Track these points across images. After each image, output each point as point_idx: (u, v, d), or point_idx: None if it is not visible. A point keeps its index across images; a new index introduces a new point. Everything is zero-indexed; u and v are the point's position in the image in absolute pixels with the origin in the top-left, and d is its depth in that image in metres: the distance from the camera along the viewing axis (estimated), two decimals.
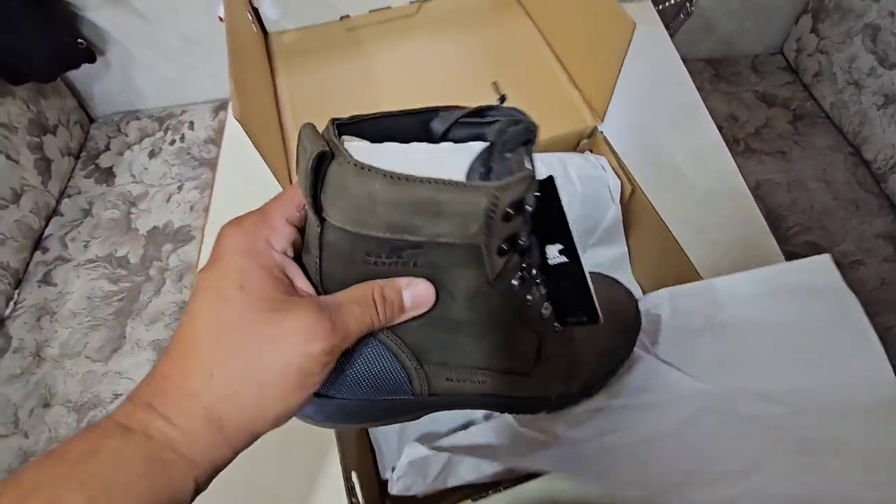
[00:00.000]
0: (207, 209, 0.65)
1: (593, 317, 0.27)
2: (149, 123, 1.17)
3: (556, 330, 0.28)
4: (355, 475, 0.35)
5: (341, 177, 0.18)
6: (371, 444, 0.42)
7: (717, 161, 0.62)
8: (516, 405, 0.29)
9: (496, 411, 0.32)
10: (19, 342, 0.88)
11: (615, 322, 0.33)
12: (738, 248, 0.56)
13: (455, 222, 0.20)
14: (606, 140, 0.51)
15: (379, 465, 0.41)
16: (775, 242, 0.55)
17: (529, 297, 0.25)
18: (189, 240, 0.99)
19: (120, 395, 0.84)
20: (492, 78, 0.57)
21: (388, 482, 0.39)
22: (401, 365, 0.24)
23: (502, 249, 0.21)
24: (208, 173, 1.07)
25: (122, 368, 0.85)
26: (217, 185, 0.65)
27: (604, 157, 0.51)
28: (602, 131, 0.51)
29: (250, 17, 0.57)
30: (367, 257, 0.21)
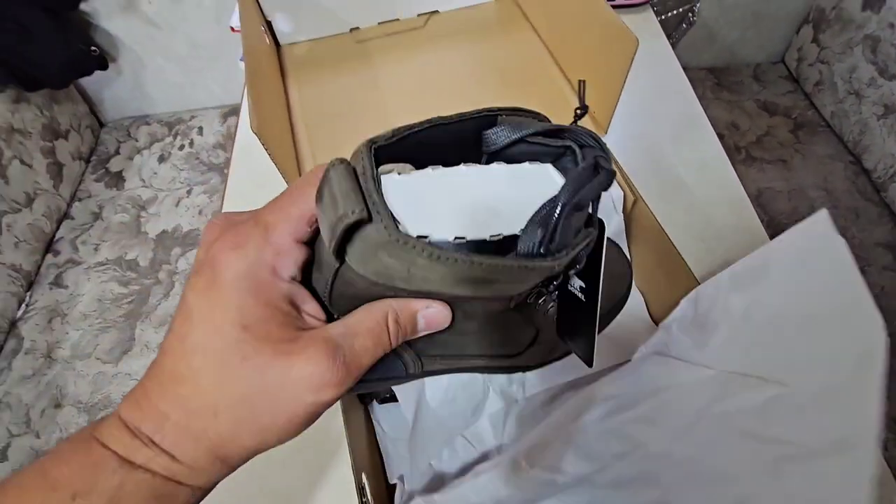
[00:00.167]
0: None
1: (588, 361, 0.26)
2: (158, 128, 1.19)
3: (553, 321, 0.28)
4: (365, 476, 0.36)
5: (375, 243, 0.16)
6: (380, 451, 0.43)
7: (718, 170, 0.63)
8: (499, 371, 0.29)
9: (485, 374, 0.33)
10: (31, 343, 0.90)
11: (607, 290, 0.33)
12: (739, 257, 0.57)
13: (502, 290, 0.18)
14: (609, 151, 0.52)
15: (386, 470, 0.42)
16: None
17: (541, 301, 0.26)
18: (198, 244, 1.00)
19: None
20: (498, 89, 0.58)
21: (395, 486, 0.40)
22: (398, 358, 0.24)
23: (540, 292, 0.21)
24: (217, 178, 1.09)
25: (131, 370, 0.87)
26: (228, 191, 0.67)
27: None
28: (605, 142, 0.52)
29: (263, 29, 0.59)
30: (377, 285, 0.19)
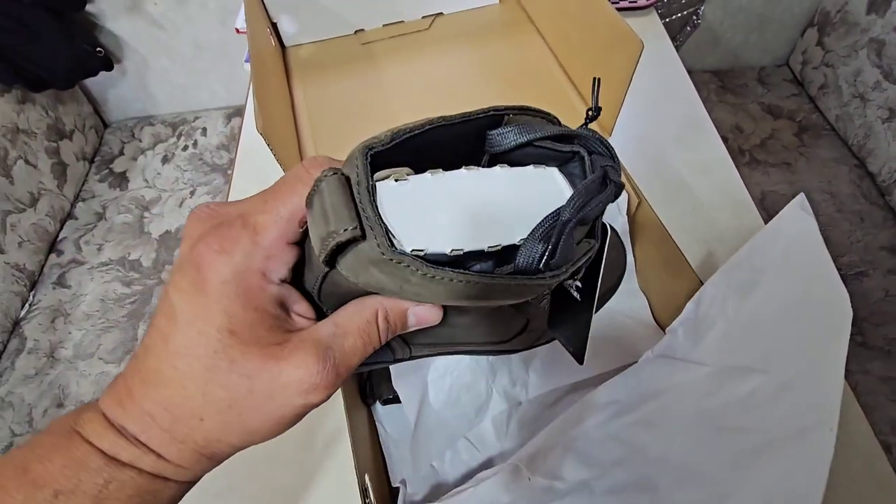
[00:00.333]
0: None
1: (578, 358, 0.26)
2: (162, 129, 1.20)
3: (546, 310, 0.28)
4: (368, 478, 0.36)
5: (368, 258, 0.16)
6: (383, 453, 0.43)
7: (721, 173, 0.63)
8: (484, 354, 0.29)
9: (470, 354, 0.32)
10: (34, 343, 0.90)
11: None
12: None
13: (498, 303, 0.18)
14: None
15: (389, 472, 0.42)
16: None
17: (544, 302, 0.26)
18: None
19: None
20: (502, 91, 0.58)
21: (398, 489, 0.40)
22: (388, 347, 0.23)
23: (543, 296, 0.22)
24: (220, 179, 1.09)
25: None
26: (232, 192, 0.67)
27: None
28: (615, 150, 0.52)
29: (269, 31, 0.59)
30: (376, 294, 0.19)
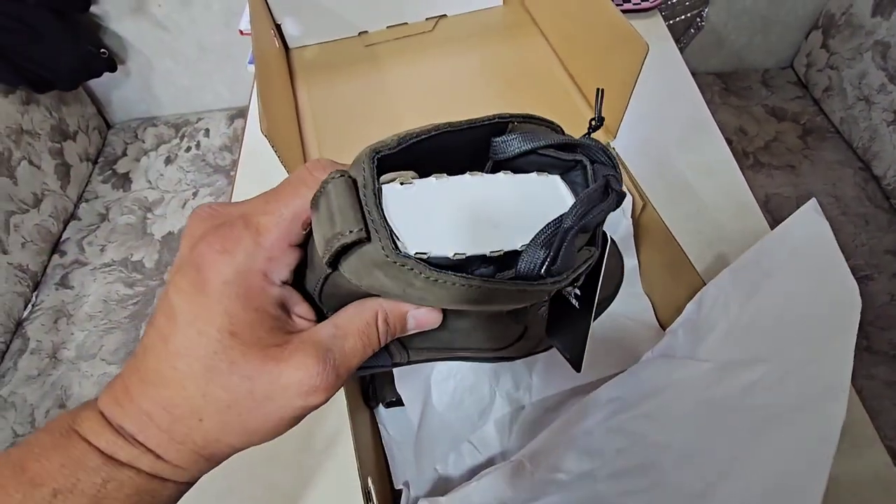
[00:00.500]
0: None
1: (576, 366, 0.26)
2: (165, 130, 1.20)
3: (542, 315, 0.28)
4: (371, 481, 0.36)
5: (372, 261, 0.16)
6: (385, 455, 0.43)
7: (726, 176, 0.63)
8: (483, 360, 0.29)
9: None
10: (37, 344, 0.90)
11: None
12: None
13: (500, 307, 0.19)
14: (618, 156, 0.51)
15: (392, 475, 0.42)
16: None
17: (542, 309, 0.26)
18: None
19: None
20: (506, 93, 0.58)
21: (401, 492, 0.40)
22: (386, 351, 0.24)
23: (543, 303, 0.22)
24: (223, 180, 1.09)
25: None
26: (235, 193, 0.67)
27: None
28: (614, 147, 0.52)
29: (273, 32, 0.59)
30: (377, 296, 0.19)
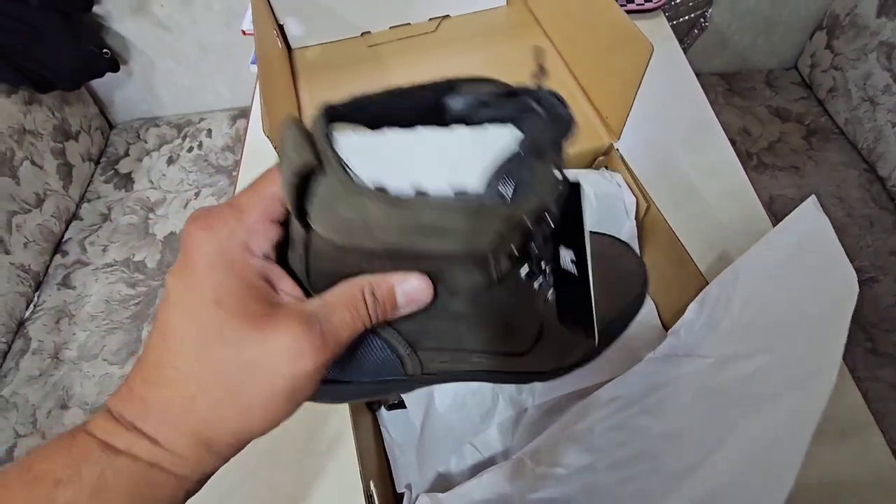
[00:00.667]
0: None
1: (592, 337, 0.26)
2: (167, 130, 1.20)
3: (552, 306, 0.26)
4: (373, 484, 0.35)
5: (329, 195, 0.16)
6: (387, 456, 0.43)
7: (730, 177, 0.63)
8: (509, 379, 0.28)
9: (486, 382, 0.31)
10: (38, 344, 0.90)
11: (620, 290, 0.32)
12: None
13: (464, 239, 0.18)
14: (622, 157, 0.51)
15: (394, 478, 0.42)
16: None
17: (536, 285, 0.24)
18: None
19: None
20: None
21: (403, 495, 0.40)
22: (393, 352, 0.23)
23: (513, 254, 0.20)
24: (225, 180, 1.09)
25: None
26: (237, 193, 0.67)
27: (619, 174, 0.52)
28: (618, 148, 0.52)
29: (275, 33, 0.58)
30: (361, 262, 0.19)
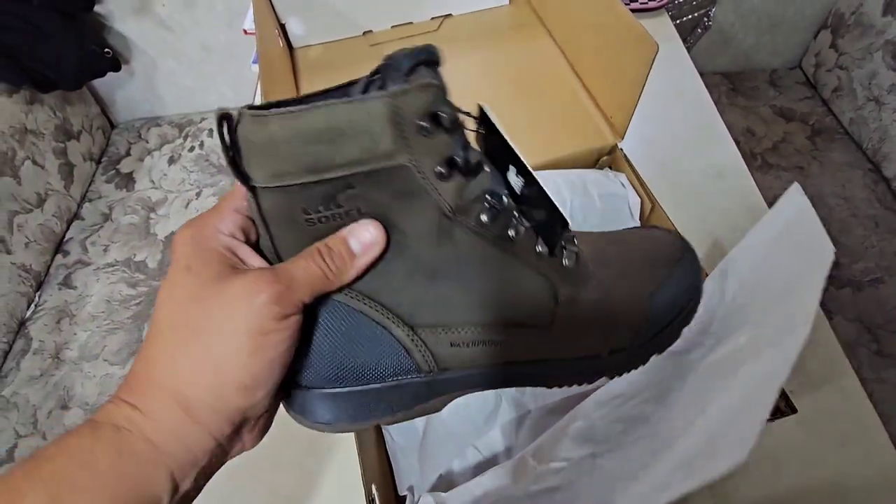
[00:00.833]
0: None
1: (565, 224, 0.24)
2: (169, 130, 1.20)
3: (567, 268, 0.24)
4: (374, 488, 0.35)
5: (244, 133, 0.19)
6: (389, 461, 0.43)
7: (734, 177, 0.62)
8: (558, 373, 0.25)
9: (532, 385, 0.26)
10: (39, 344, 0.90)
11: (655, 255, 0.29)
12: None
13: (363, 140, 0.19)
14: (626, 157, 0.51)
15: (396, 481, 0.42)
16: None
17: (512, 232, 0.23)
18: None
19: None
20: (512, 94, 0.58)
21: (405, 498, 0.39)
22: (391, 335, 0.22)
23: (441, 174, 0.20)
24: (226, 180, 1.09)
25: None
26: None
27: (623, 174, 0.51)
28: (622, 148, 0.52)
29: (277, 32, 0.58)
30: (308, 215, 0.20)
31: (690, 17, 0.95)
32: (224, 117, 0.19)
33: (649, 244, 0.30)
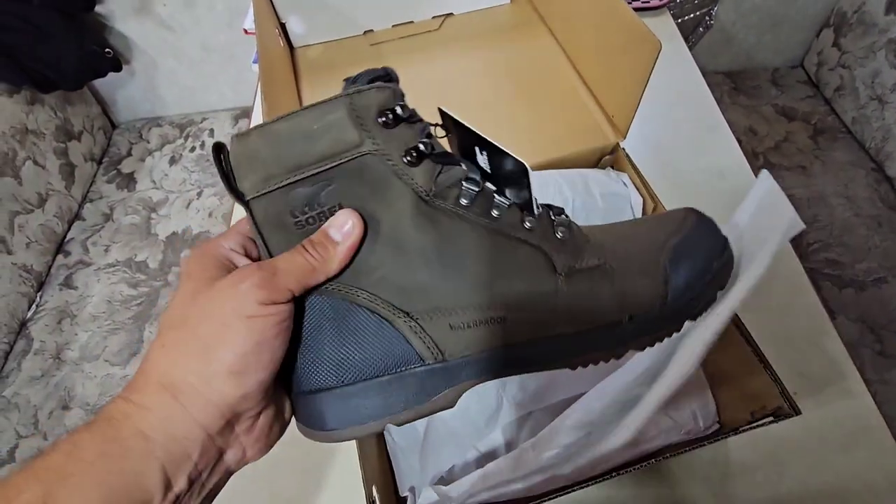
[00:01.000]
0: (230, 217, 0.66)
1: (520, 165, 0.23)
2: (170, 130, 1.20)
3: (561, 239, 0.24)
4: (375, 489, 0.35)
5: (233, 154, 0.21)
6: (390, 462, 0.43)
7: (736, 176, 0.62)
8: (577, 348, 0.24)
9: (553, 367, 0.24)
10: (40, 344, 0.90)
11: (665, 221, 0.28)
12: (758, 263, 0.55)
13: (331, 134, 0.21)
14: (628, 156, 0.50)
15: (397, 483, 0.42)
16: (796, 257, 0.54)
17: (495, 212, 0.23)
18: None
19: None
20: (514, 93, 0.57)
21: (406, 499, 0.39)
22: (388, 324, 0.22)
23: (410, 161, 0.22)
24: None
25: None
26: None
27: (625, 174, 0.51)
28: (624, 148, 0.51)
29: (277, 31, 0.58)
30: (296, 218, 0.22)
31: (692, 15, 0.94)
32: (218, 148, 0.21)
33: (659, 217, 0.29)
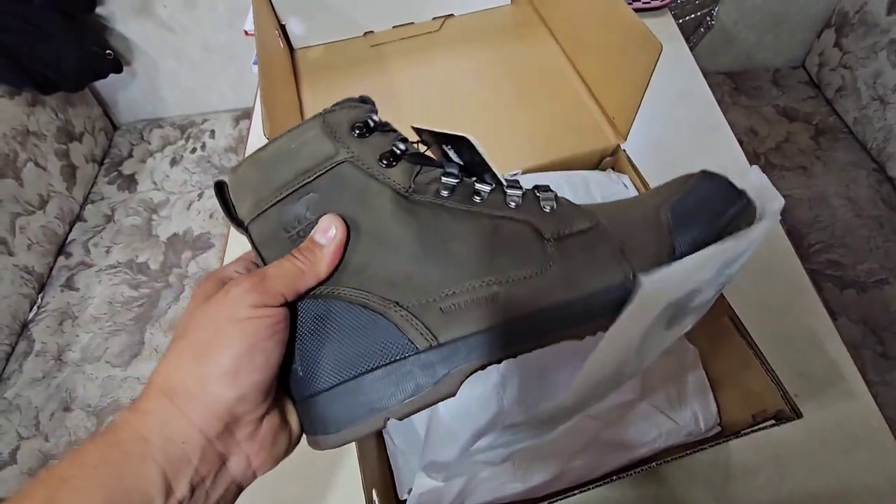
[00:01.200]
0: None
1: (464, 139, 0.25)
2: (171, 131, 1.20)
3: (547, 213, 0.25)
4: (375, 492, 0.35)
5: (230, 185, 0.24)
6: (390, 465, 0.42)
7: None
8: (581, 312, 0.22)
9: (560, 339, 0.23)
10: (42, 346, 0.90)
11: (666, 183, 0.28)
12: (758, 265, 0.55)
13: (309, 151, 0.24)
14: (629, 158, 0.50)
15: (397, 485, 0.41)
16: (797, 259, 0.54)
17: (477, 198, 0.24)
18: (208, 247, 1.00)
19: None
20: (514, 94, 0.57)
21: (405, 501, 0.39)
22: (380, 316, 0.22)
23: (386, 164, 0.24)
24: None
25: (140, 374, 0.86)
26: None
27: (626, 175, 0.51)
28: (625, 149, 0.51)
29: (277, 33, 0.58)
30: (288, 233, 0.24)
31: (693, 16, 0.94)
32: (219, 185, 0.24)
33: (662, 185, 0.29)
